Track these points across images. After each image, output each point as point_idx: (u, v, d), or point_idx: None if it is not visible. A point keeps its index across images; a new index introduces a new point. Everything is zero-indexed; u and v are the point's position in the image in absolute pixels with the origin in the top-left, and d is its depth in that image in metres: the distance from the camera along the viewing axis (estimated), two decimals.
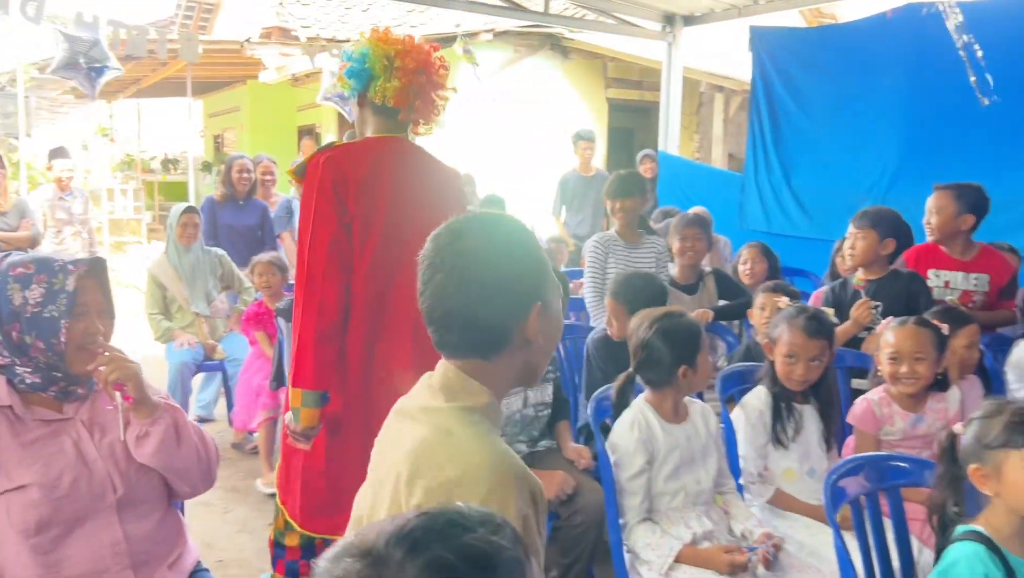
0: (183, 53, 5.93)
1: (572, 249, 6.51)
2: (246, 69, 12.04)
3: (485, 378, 1.27)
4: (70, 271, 1.72)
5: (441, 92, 2.34)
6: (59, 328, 1.70)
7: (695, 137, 10.11)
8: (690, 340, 2.39)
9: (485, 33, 8.73)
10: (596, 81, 10.11)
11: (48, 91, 18.80)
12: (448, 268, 1.21)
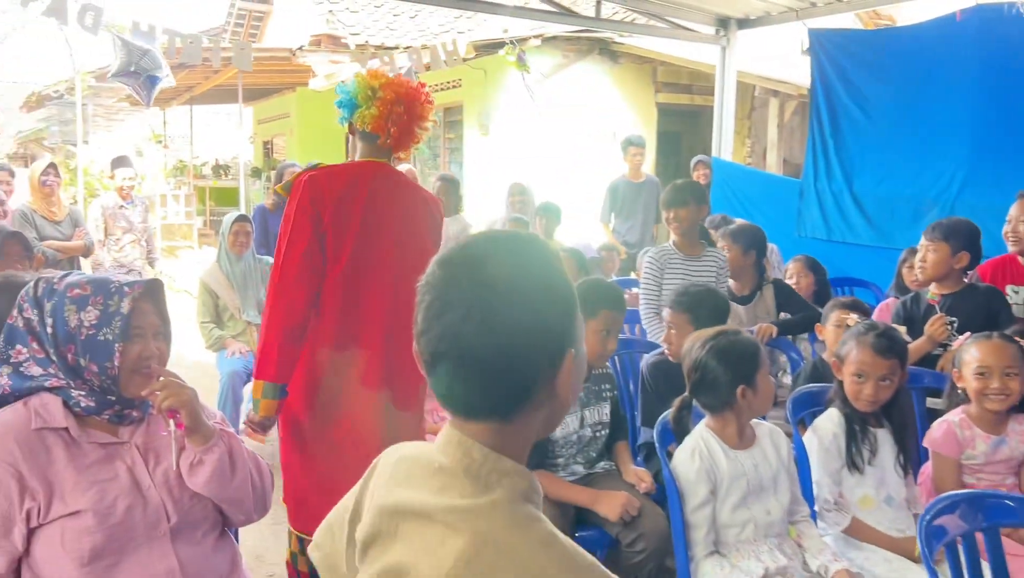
0: (236, 61, 5.96)
1: (624, 257, 6.39)
2: (296, 76, 12.13)
3: (505, 445, 0.99)
4: (125, 293, 1.69)
5: (421, 123, 2.56)
6: (113, 351, 1.66)
7: (747, 142, 9.90)
8: (747, 359, 2.27)
9: (534, 39, 8.65)
10: (645, 86, 9.96)
11: (104, 99, 19.22)
12: (468, 304, 0.94)
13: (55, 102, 17.25)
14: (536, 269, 0.98)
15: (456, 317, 0.94)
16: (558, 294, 0.99)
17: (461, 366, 0.95)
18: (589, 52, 9.49)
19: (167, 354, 1.78)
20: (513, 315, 0.94)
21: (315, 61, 10.46)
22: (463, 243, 1.01)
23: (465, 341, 0.94)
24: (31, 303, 1.70)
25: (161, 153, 17.63)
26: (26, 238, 3.33)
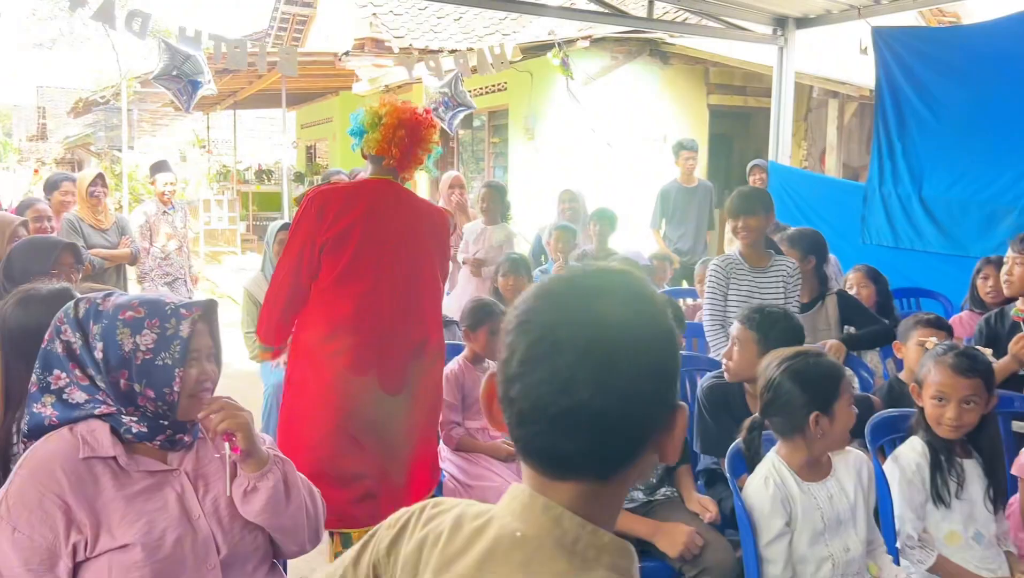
0: (282, 67, 5.97)
1: (677, 266, 6.24)
2: (339, 80, 12.20)
3: (598, 511, 0.88)
4: (183, 316, 1.64)
5: (423, 145, 2.87)
6: (173, 377, 1.61)
7: (803, 145, 9.68)
8: (827, 384, 2.15)
9: (581, 41, 8.55)
10: (697, 87, 9.80)
11: (150, 104, 19.61)
12: (584, 346, 0.82)
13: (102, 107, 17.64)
14: (649, 308, 0.88)
15: (568, 360, 0.81)
16: (672, 337, 0.89)
17: (569, 418, 0.82)
18: (639, 53, 9.36)
19: (218, 376, 1.74)
20: (635, 360, 0.83)
21: (359, 65, 10.50)
22: (567, 276, 0.89)
23: (578, 389, 0.81)
24: (71, 325, 1.64)
25: (205, 158, 17.89)
26: (79, 249, 3.34)
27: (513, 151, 10.53)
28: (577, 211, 5.95)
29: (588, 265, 0.93)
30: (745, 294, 3.59)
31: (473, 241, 5.41)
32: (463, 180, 6.52)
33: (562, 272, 0.91)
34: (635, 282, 0.89)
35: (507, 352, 0.86)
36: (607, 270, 0.90)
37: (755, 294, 3.60)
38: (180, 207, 6.28)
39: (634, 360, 0.83)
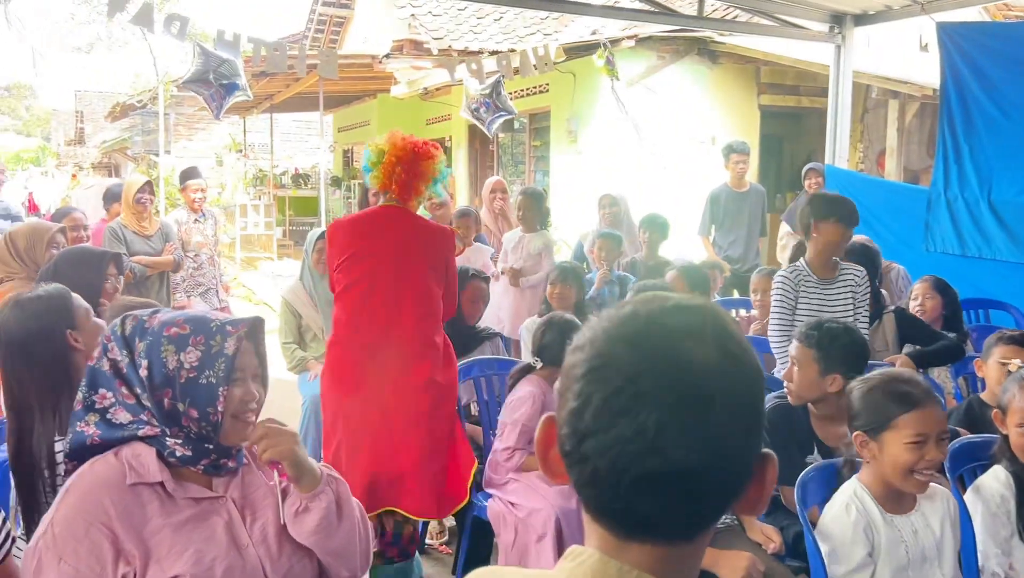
0: (322, 69, 5.97)
1: (727, 275, 6.11)
2: (377, 83, 12.26)
3: (679, 573, 0.80)
4: (229, 332, 1.61)
5: (422, 177, 3.21)
6: (217, 396, 1.58)
7: (859, 147, 9.47)
8: (880, 406, 2.06)
9: (627, 40, 8.46)
10: (747, 87, 9.65)
11: (186, 107, 19.94)
12: (675, 398, 0.74)
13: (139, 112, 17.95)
14: (740, 349, 0.79)
15: (656, 416, 0.73)
16: (762, 379, 0.80)
17: (655, 480, 0.74)
18: (686, 53, 9.24)
19: (264, 398, 1.70)
20: (730, 411, 0.75)
21: (398, 68, 10.52)
22: (643, 313, 0.80)
23: (668, 448, 0.73)
24: (118, 343, 1.63)
25: (241, 162, 18.10)
26: (122, 259, 3.37)
27: (555, 155, 10.46)
28: (619, 216, 5.84)
29: (658, 295, 0.83)
30: (815, 308, 3.48)
31: (511, 250, 5.34)
32: (505, 184, 6.46)
33: (636, 306, 0.82)
34: (720, 318, 0.81)
35: (577, 401, 0.77)
36: (686, 304, 0.81)
37: (824, 308, 3.49)
38: (211, 214, 6.30)
39: (729, 411, 0.75)
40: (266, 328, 1.75)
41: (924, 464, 2.01)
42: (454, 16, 11.90)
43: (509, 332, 5.02)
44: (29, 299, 2.20)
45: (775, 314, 3.55)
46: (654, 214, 5.50)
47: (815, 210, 3.50)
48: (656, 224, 5.39)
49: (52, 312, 2.18)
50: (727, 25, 7.71)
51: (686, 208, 7.73)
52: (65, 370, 2.12)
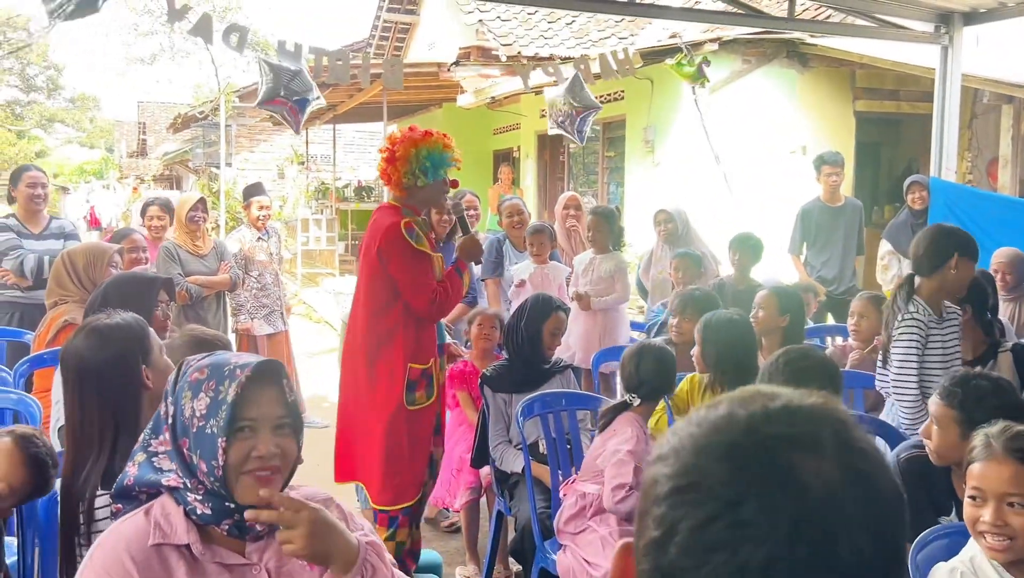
0: (387, 80, 5.98)
1: (822, 298, 5.89)
2: (443, 92, 12.33)
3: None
4: (236, 377, 1.56)
5: (394, 163, 3.46)
6: (216, 448, 1.54)
7: (967, 156, 9.10)
8: None
9: (709, 43, 8.31)
10: (842, 92, 9.38)
11: (248, 119, 20.44)
12: (783, 532, 0.63)
13: (200, 123, 18.46)
14: (868, 463, 0.68)
15: (763, 551, 0.62)
16: (902, 502, 0.69)
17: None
18: (774, 56, 9.03)
19: (294, 452, 1.62)
20: (856, 545, 0.64)
21: (465, 76, 10.56)
22: (743, 419, 0.68)
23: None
24: (170, 388, 1.64)
25: (303, 175, 18.43)
26: (173, 284, 3.41)
27: (630, 167, 10.34)
28: (675, 233, 5.68)
29: (761, 391, 0.71)
30: (938, 352, 3.31)
31: (582, 273, 5.23)
32: (579, 200, 6.36)
33: (732, 406, 0.70)
34: (844, 423, 0.69)
35: (659, 530, 0.67)
36: (799, 405, 0.69)
37: (943, 349, 3.33)
38: (274, 231, 6.37)
39: (858, 548, 0.64)
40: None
41: (984, 526, 1.91)
42: (523, 20, 11.91)
43: (580, 361, 4.93)
44: (108, 326, 2.25)
45: (903, 360, 3.30)
46: (746, 233, 5.32)
47: (959, 245, 3.33)
48: (748, 245, 5.21)
49: (131, 342, 2.23)
50: (820, 27, 7.50)
51: (775, 225, 7.53)
52: (133, 406, 2.14)
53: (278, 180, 20.28)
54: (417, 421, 3.48)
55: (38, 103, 39.03)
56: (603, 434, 3.12)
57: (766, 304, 3.87)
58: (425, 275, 3.43)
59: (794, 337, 3.78)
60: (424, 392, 3.49)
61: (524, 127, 12.95)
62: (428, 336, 3.53)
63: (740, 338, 3.37)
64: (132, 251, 5.02)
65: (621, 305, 5.27)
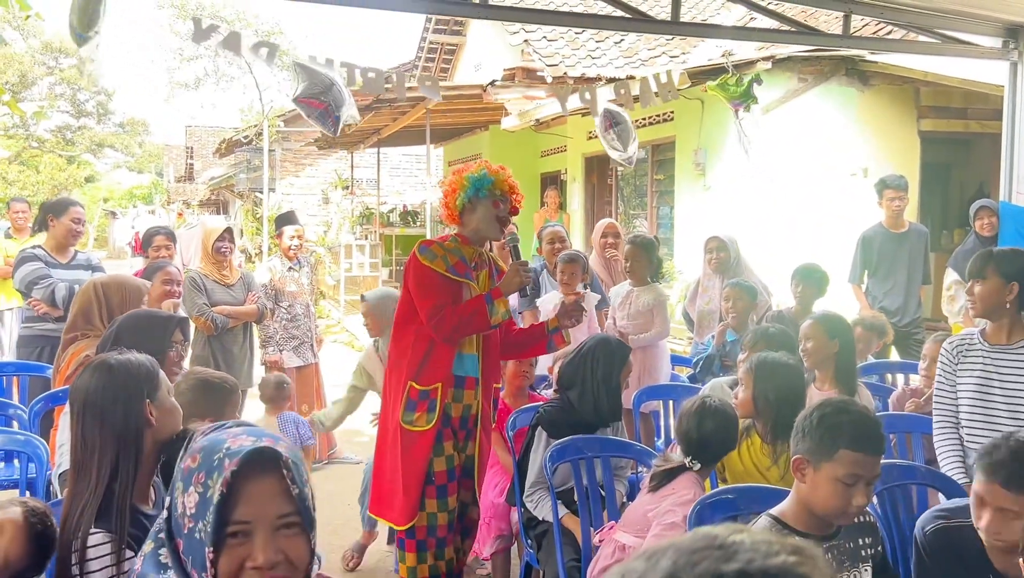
0: (424, 90, 5.94)
1: (890, 341, 5.61)
2: (487, 114, 12.36)
3: None
4: (223, 468, 1.37)
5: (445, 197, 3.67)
6: (203, 557, 1.35)
7: None
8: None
9: (763, 62, 8.17)
10: (905, 111, 9.14)
11: (292, 143, 20.79)
12: None
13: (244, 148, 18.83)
14: None
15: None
16: None
17: None
18: (832, 74, 8.85)
19: (304, 555, 1.42)
20: None
21: (508, 98, 10.55)
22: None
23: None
24: (176, 472, 1.51)
25: (348, 200, 18.61)
26: (188, 324, 3.38)
27: (680, 190, 10.20)
28: (726, 262, 5.46)
29: (723, 545, 0.62)
30: (979, 380, 3.12)
31: (619, 306, 5.09)
32: (618, 228, 6.23)
33: (677, 562, 0.62)
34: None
35: None
36: (762, 571, 0.60)
37: (994, 380, 3.13)
38: (306, 261, 6.36)
39: None
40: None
41: None
42: (570, 40, 11.88)
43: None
44: (117, 361, 2.29)
45: (935, 399, 3.20)
46: (812, 265, 5.12)
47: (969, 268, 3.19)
48: (812, 277, 5.00)
49: (137, 378, 2.26)
50: (878, 44, 7.31)
51: (834, 252, 7.33)
52: (135, 442, 2.14)
53: (323, 205, 20.52)
54: (413, 443, 3.48)
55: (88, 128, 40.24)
56: (660, 491, 2.98)
57: (813, 333, 3.69)
58: (430, 290, 3.47)
59: (846, 365, 3.61)
60: (424, 415, 3.49)
61: (571, 149, 12.90)
62: (438, 358, 3.51)
63: (793, 387, 3.22)
64: (167, 283, 5.00)
65: (661, 341, 5.13)
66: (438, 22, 16.44)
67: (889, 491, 2.90)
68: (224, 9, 19.42)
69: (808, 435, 2.23)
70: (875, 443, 2.20)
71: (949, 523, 2.34)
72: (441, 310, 3.42)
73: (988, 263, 3.22)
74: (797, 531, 2.24)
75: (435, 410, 3.49)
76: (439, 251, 3.54)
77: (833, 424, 2.20)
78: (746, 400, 3.25)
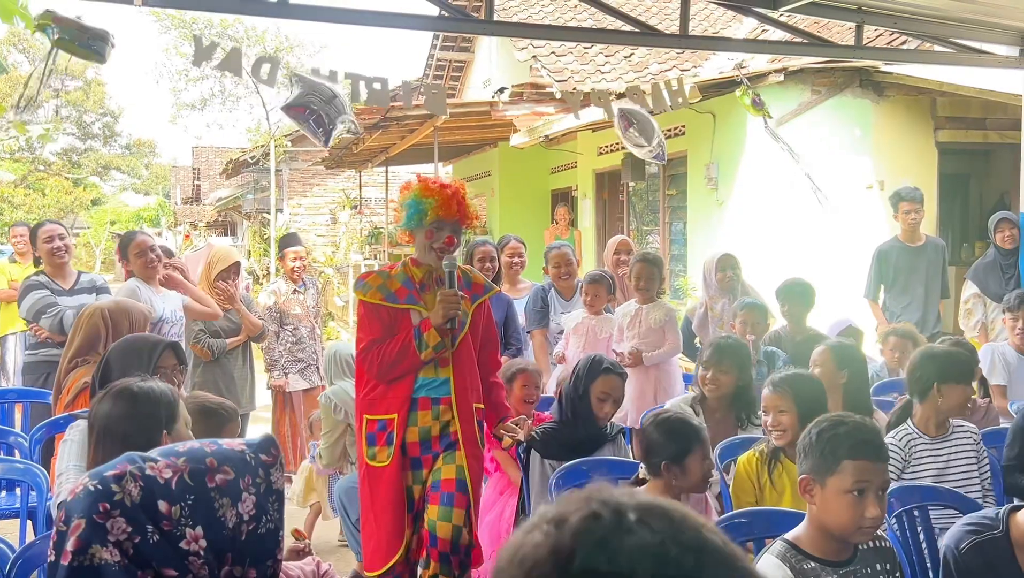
0: (429, 104, 5.93)
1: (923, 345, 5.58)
2: (496, 131, 12.39)
3: None
4: (261, 460, 1.44)
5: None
6: (274, 547, 1.42)
7: None
8: None
9: (774, 74, 8.17)
10: (921, 122, 9.10)
11: (300, 163, 20.89)
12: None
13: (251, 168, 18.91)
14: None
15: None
16: None
17: None
18: (846, 85, 8.83)
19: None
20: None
21: (516, 114, 10.58)
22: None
23: None
24: None
25: (356, 219, 18.68)
26: (181, 349, 3.37)
27: (692, 204, 10.19)
28: (734, 281, 5.38)
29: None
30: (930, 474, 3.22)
31: (627, 326, 5.02)
32: (631, 244, 6.21)
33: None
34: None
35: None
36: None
37: (942, 472, 3.24)
38: (311, 283, 6.38)
39: None
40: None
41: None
42: (580, 55, 11.91)
43: (632, 421, 4.76)
44: (141, 390, 2.38)
45: None
46: (792, 280, 5.09)
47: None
48: (793, 294, 4.99)
49: (157, 407, 2.36)
50: (891, 54, 7.32)
51: (851, 266, 7.29)
52: None
53: (331, 225, 20.60)
54: (378, 479, 3.40)
55: (94, 150, 40.59)
56: None
57: (822, 361, 3.68)
58: (362, 329, 3.46)
59: (857, 395, 3.60)
60: (383, 449, 3.40)
61: (581, 165, 12.91)
62: (388, 388, 3.42)
63: (822, 400, 3.21)
64: (141, 255, 4.90)
65: (673, 357, 5.10)
66: (446, 39, 16.52)
67: (907, 513, 2.87)
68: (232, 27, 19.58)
69: (809, 454, 2.23)
70: (876, 449, 2.21)
71: (982, 537, 2.33)
72: (369, 351, 3.37)
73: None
74: (812, 557, 2.22)
75: (392, 443, 3.39)
76: (375, 280, 3.50)
77: (831, 437, 2.21)
78: (792, 424, 3.12)
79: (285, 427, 6.14)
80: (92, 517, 1.26)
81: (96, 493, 1.28)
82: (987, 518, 2.43)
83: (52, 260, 5.20)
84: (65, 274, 5.25)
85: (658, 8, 13.84)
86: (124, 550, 1.26)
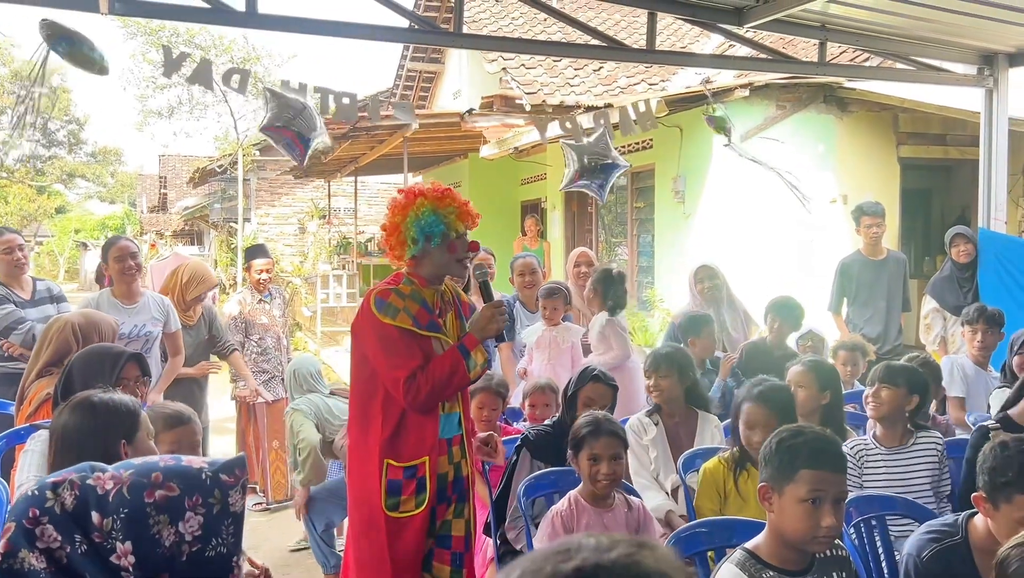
0: (398, 114, 5.97)
1: (872, 358, 5.68)
2: (466, 142, 12.43)
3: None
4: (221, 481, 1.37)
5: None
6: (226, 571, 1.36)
7: (1021, 204, 8.93)
8: None
9: (740, 89, 8.28)
10: (884, 138, 9.27)
11: (268, 172, 20.79)
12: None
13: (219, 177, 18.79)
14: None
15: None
16: None
17: None
18: (810, 101, 8.98)
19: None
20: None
21: (486, 126, 10.63)
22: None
23: None
24: None
25: (325, 229, 18.63)
26: (145, 360, 3.34)
27: (660, 216, 10.29)
28: (718, 290, 5.45)
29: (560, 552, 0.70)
30: (883, 485, 3.30)
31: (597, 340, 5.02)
32: (591, 256, 6.18)
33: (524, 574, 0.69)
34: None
35: None
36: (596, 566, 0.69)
37: (896, 483, 3.31)
38: (278, 293, 6.35)
39: None
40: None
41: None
42: (549, 68, 11.99)
43: None
44: (101, 402, 2.39)
45: None
46: (785, 298, 5.15)
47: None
48: (787, 310, 5.05)
49: (115, 417, 2.37)
50: (854, 71, 7.44)
51: (814, 280, 7.39)
52: None
53: (299, 235, 20.51)
54: (403, 529, 3.04)
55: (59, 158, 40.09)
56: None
57: (805, 382, 3.70)
58: (396, 357, 2.97)
59: (833, 416, 3.64)
60: (413, 498, 3.03)
61: (550, 177, 12.98)
62: (418, 427, 3.05)
63: (793, 410, 3.28)
64: (120, 260, 4.79)
65: (626, 363, 4.92)
66: (416, 50, 16.57)
67: (865, 522, 2.93)
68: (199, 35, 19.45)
69: (768, 462, 2.27)
70: (834, 460, 2.24)
71: (943, 545, 2.38)
72: (414, 379, 2.95)
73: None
74: (770, 566, 2.25)
75: (426, 489, 3.05)
76: (399, 302, 3.02)
77: (790, 446, 2.24)
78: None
79: (250, 438, 6.11)
80: (22, 521, 1.26)
81: (30, 498, 1.29)
82: (946, 525, 2.49)
83: (12, 271, 5.12)
84: (23, 284, 5.18)
85: (627, 23, 13.97)
86: (55, 558, 1.25)
